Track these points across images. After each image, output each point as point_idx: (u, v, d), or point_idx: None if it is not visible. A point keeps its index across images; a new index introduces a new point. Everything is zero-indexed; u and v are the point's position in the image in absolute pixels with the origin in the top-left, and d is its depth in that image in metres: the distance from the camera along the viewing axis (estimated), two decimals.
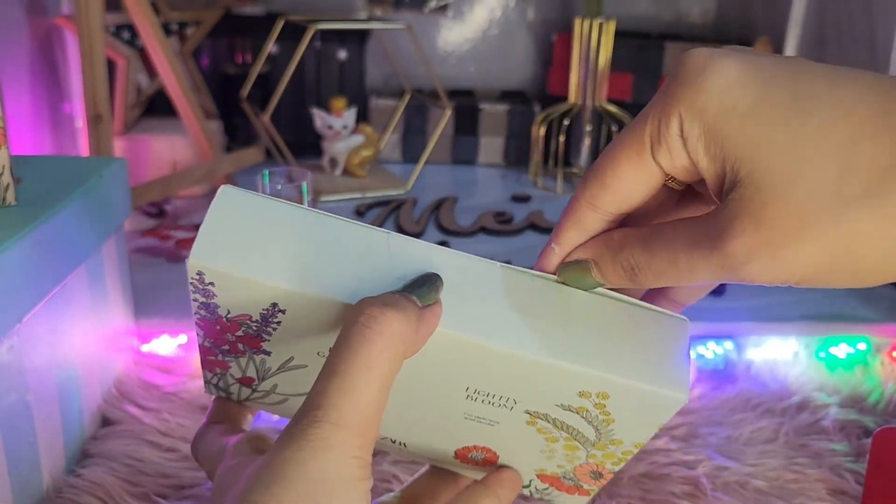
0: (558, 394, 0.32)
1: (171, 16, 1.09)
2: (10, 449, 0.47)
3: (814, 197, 0.24)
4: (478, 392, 0.33)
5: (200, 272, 0.30)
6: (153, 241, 0.86)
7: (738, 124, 0.25)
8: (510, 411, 0.34)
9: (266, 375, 0.35)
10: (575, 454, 0.36)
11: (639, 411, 0.32)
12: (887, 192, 0.23)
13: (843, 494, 0.54)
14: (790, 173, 0.24)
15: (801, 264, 0.25)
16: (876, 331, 0.73)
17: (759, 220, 0.24)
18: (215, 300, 0.31)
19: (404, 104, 1.21)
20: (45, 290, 0.50)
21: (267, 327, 0.32)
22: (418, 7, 1.31)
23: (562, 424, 0.34)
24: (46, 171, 0.59)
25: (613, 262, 0.29)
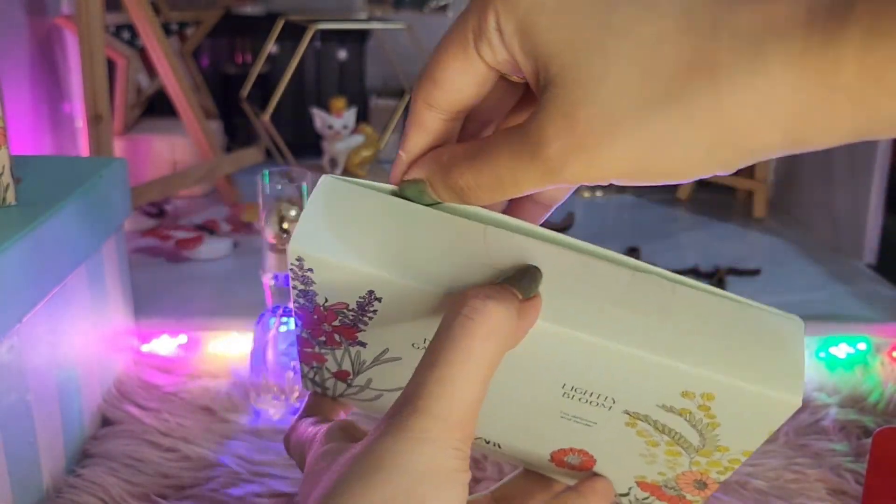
0: (660, 393, 0.31)
1: (171, 16, 1.09)
2: (10, 449, 0.47)
3: (620, 99, 0.24)
4: (575, 389, 0.32)
5: (300, 258, 0.31)
6: (153, 241, 0.86)
7: (548, 20, 0.25)
8: (608, 411, 0.32)
9: (361, 369, 0.36)
10: (677, 460, 0.34)
11: (746, 415, 0.30)
12: (685, 95, 0.23)
13: (843, 494, 0.54)
14: (598, 72, 0.24)
15: (614, 166, 0.25)
16: (876, 331, 0.73)
17: (572, 122, 0.25)
18: (313, 287, 0.32)
19: (404, 104, 1.21)
20: (45, 290, 0.50)
21: (363, 316, 0.32)
22: (418, 7, 1.31)
23: (663, 427, 0.33)
24: (46, 171, 0.59)
25: (444, 183, 0.29)
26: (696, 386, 0.30)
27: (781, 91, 0.23)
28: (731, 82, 0.23)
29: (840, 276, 0.85)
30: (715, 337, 0.29)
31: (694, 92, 0.23)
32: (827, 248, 0.94)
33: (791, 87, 0.23)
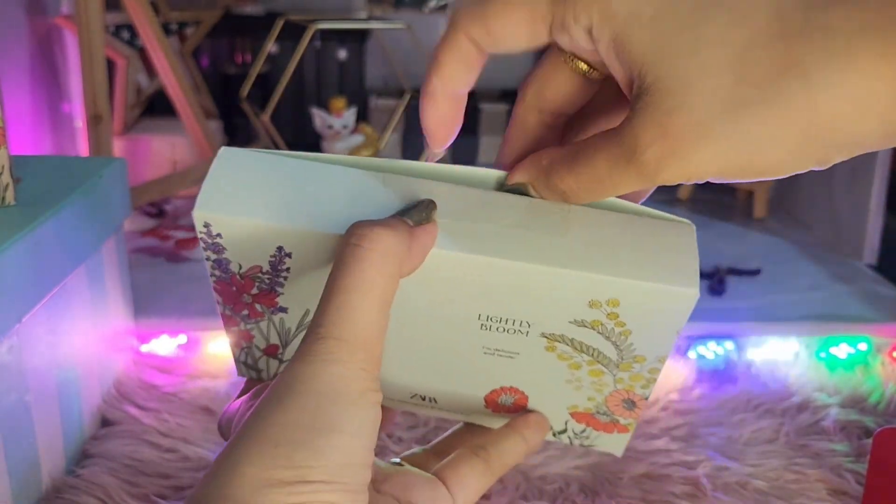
0: (569, 309, 0.32)
1: (170, 16, 1.09)
2: (9, 449, 0.47)
3: (712, 105, 0.25)
4: (490, 319, 0.33)
5: (207, 223, 0.31)
6: (153, 241, 0.86)
7: (644, 31, 0.26)
8: (526, 337, 0.33)
9: (289, 338, 0.36)
10: (601, 380, 0.35)
11: (652, 316, 0.32)
12: (779, 96, 0.24)
13: (844, 495, 0.54)
14: (690, 80, 0.25)
15: (709, 168, 0.26)
16: (876, 331, 0.73)
17: (665, 129, 0.25)
18: (226, 255, 0.32)
19: (404, 104, 1.21)
20: (44, 290, 0.50)
21: (278, 277, 0.33)
22: (418, 7, 1.31)
23: (580, 345, 0.34)
24: (46, 170, 0.59)
25: (547, 187, 0.30)
26: (600, 293, 0.31)
27: (873, 82, 0.23)
28: (825, 79, 0.23)
29: (841, 276, 0.85)
30: (611, 245, 0.31)
31: (787, 92, 0.24)
32: (827, 249, 0.94)
33: (883, 76, 0.23)
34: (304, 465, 0.25)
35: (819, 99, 0.24)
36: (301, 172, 0.32)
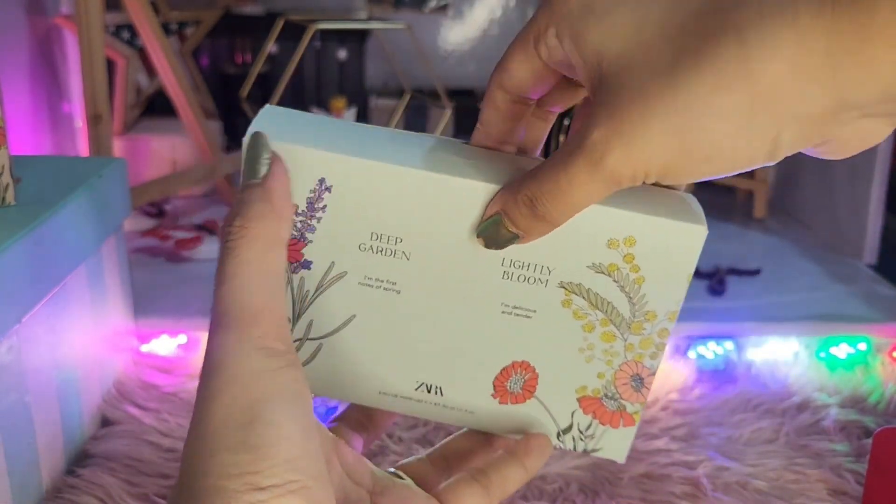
0: (588, 249, 0.33)
1: (170, 15, 1.09)
2: (9, 449, 0.47)
3: (652, 78, 0.25)
4: (513, 264, 0.34)
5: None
6: (153, 241, 0.86)
7: (597, 22, 0.27)
8: (545, 288, 0.34)
9: (304, 307, 0.36)
10: (613, 348, 0.36)
11: (666, 257, 0.33)
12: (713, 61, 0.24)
13: (844, 495, 0.54)
14: (634, 60, 0.25)
15: (654, 150, 0.25)
16: (876, 331, 0.73)
17: (611, 109, 0.25)
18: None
19: (404, 104, 1.21)
20: (44, 291, 0.50)
21: (311, 218, 0.33)
22: (418, 7, 1.31)
23: (595, 298, 0.34)
24: (46, 170, 0.59)
25: (516, 203, 0.30)
26: (619, 230, 0.32)
27: (812, 40, 0.22)
28: (759, 39, 0.23)
29: (840, 276, 0.85)
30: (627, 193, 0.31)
31: (723, 55, 0.23)
32: (827, 249, 0.94)
33: (823, 35, 0.22)
34: (250, 470, 0.24)
35: (753, 61, 0.23)
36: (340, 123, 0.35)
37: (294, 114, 0.34)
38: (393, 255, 0.34)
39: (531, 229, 0.31)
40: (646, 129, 0.25)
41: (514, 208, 0.31)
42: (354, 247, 0.34)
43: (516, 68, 0.31)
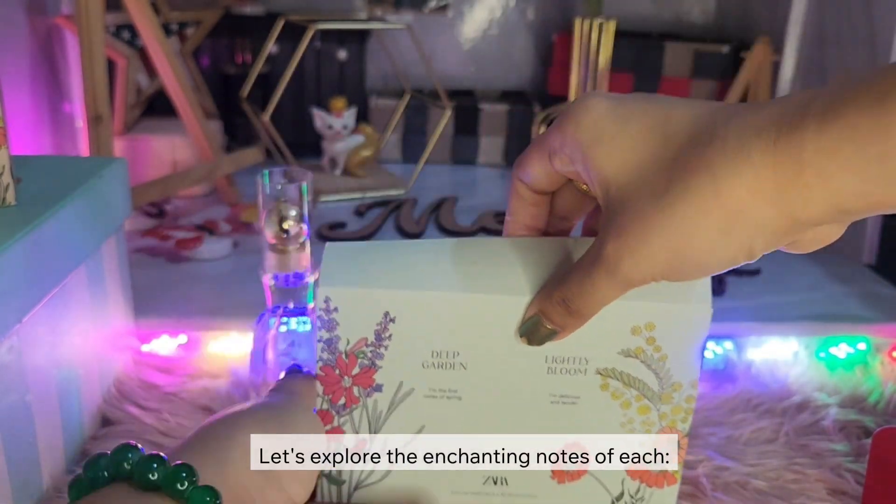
0: (616, 337, 0.39)
1: (171, 16, 1.09)
2: (9, 449, 0.47)
3: (649, 203, 0.31)
4: (555, 360, 0.39)
5: (328, 298, 0.38)
6: (153, 242, 0.86)
7: (604, 152, 0.33)
8: (585, 376, 0.40)
9: (378, 426, 0.41)
10: (649, 418, 0.41)
11: (681, 335, 0.39)
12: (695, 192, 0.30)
13: (844, 494, 0.54)
14: (635, 188, 0.32)
15: (655, 261, 0.32)
16: (876, 331, 0.73)
17: (619, 228, 0.32)
18: (337, 331, 0.39)
19: (404, 104, 1.21)
20: (44, 290, 0.50)
21: (380, 347, 0.39)
22: (418, 7, 1.31)
23: (628, 378, 0.40)
24: (46, 171, 0.59)
25: (551, 303, 0.37)
26: (639, 319, 0.38)
27: (763, 172, 0.29)
28: (725, 173, 0.30)
29: (840, 276, 0.85)
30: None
31: (700, 185, 0.30)
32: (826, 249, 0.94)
33: (770, 168, 0.29)
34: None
35: (723, 189, 0.30)
36: (393, 250, 0.40)
37: (352, 249, 0.40)
38: (452, 368, 0.40)
39: (567, 325, 0.37)
40: (648, 245, 0.31)
41: (550, 308, 0.37)
42: (418, 365, 0.39)
43: (534, 170, 0.38)
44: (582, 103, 0.35)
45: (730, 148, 0.30)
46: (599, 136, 0.33)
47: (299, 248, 0.55)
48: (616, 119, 0.33)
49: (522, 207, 0.40)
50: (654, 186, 0.31)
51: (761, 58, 1.03)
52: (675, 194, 0.31)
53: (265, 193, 0.54)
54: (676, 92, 1.17)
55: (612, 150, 0.33)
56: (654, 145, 0.32)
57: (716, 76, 1.14)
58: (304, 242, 0.55)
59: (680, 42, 1.16)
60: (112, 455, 0.32)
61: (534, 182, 0.38)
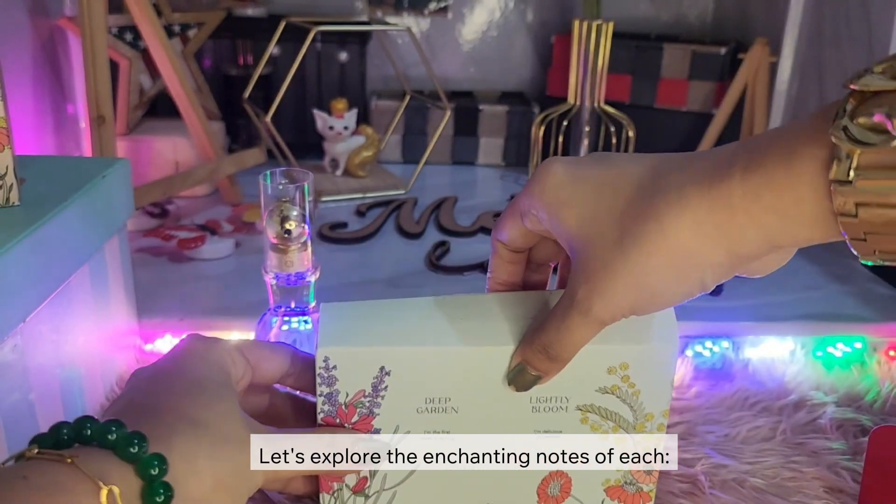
0: (593, 376, 0.43)
1: (173, 17, 1.09)
2: (12, 448, 0.47)
3: (609, 251, 0.36)
4: (539, 400, 0.43)
5: (326, 357, 0.41)
6: (156, 241, 0.87)
7: (566, 210, 0.38)
8: (566, 412, 0.44)
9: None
10: (625, 444, 0.45)
11: (652, 372, 0.43)
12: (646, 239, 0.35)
13: (840, 492, 0.54)
14: (595, 239, 0.37)
15: (622, 300, 0.36)
16: (872, 330, 0.73)
17: (587, 274, 0.37)
18: (336, 386, 0.42)
19: (404, 105, 1.22)
20: (48, 290, 0.51)
21: (377, 397, 0.42)
22: (418, 9, 1.32)
23: (606, 413, 0.44)
24: (50, 171, 0.59)
25: (532, 351, 0.40)
26: (614, 360, 0.43)
27: (702, 216, 0.33)
28: (669, 219, 0.34)
29: (837, 275, 0.86)
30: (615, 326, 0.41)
31: (649, 233, 0.35)
32: (824, 248, 0.94)
33: (707, 212, 0.33)
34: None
35: (669, 234, 0.34)
36: (385, 308, 0.44)
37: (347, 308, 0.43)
38: (444, 412, 0.43)
39: (549, 370, 0.41)
40: (613, 286, 0.36)
41: (532, 356, 0.41)
42: (413, 410, 0.43)
43: (510, 231, 0.42)
44: (544, 169, 0.39)
45: (671, 197, 0.34)
46: (560, 196, 0.38)
47: (301, 248, 0.55)
48: (573, 180, 0.38)
49: (501, 265, 0.44)
50: (611, 235, 0.36)
51: (759, 59, 1.04)
52: (630, 241, 0.35)
53: (267, 194, 0.54)
54: (675, 93, 1.17)
55: (572, 208, 0.38)
56: (608, 199, 0.37)
57: (714, 77, 1.15)
58: (305, 242, 0.55)
59: (678, 43, 1.17)
60: (73, 423, 0.34)
61: (511, 242, 0.43)
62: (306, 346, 0.59)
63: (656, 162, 0.37)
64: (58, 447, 0.33)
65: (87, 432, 0.34)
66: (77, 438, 0.34)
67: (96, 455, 0.33)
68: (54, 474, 0.31)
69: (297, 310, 0.58)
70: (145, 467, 0.33)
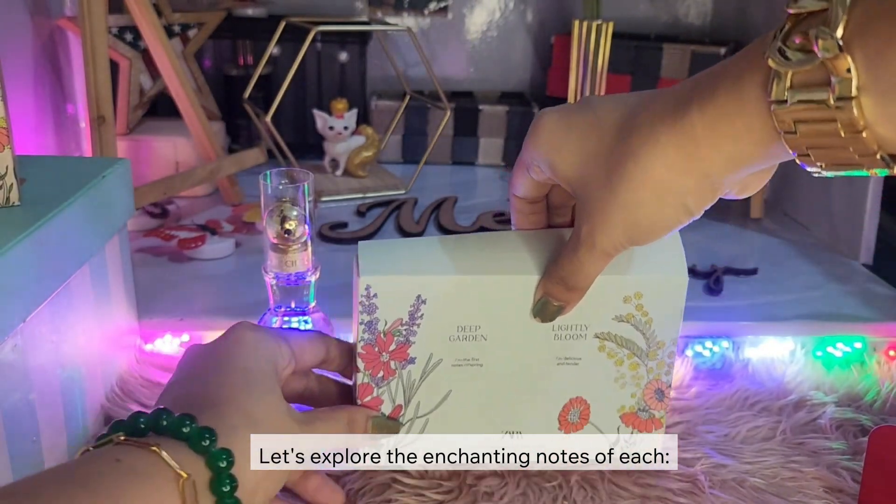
0: (611, 306, 0.47)
1: (173, 17, 1.09)
2: (13, 447, 0.47)
3: (601, 190, 0.39)
4: (560, 328, 0.47)
5: (368, 286, 0.44)
6: (156, 241, 0.87)
7: (560, 156, 0.41)
8: (585, 340, 0.48)
9: (412, 393, 0.47)
10: (638, 373, 0.49)
11: (663, 301, 0.47)
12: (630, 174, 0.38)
13: (840, 492, 0.55)
14: (589, 181, 0.40)
15: (619, 233, 0.40)
16: (872, 330, 0.73)
17: (587, 213, 0.41)
18: (376, 314, 0.45)
19: (404, 105, 1.22)
20: (48, 290, 0.51)
21: (413, 325, 0.45)
22: (418, 9, 1.32)
23: (621, 340, 0.48)
24: (50, 171, 0.59)
25: (552, 284, 0.45)
26: (629, 290, 0.47)
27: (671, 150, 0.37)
28: (645, 156, 0.38)
29: (837, 275, 0.86)
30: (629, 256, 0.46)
31: (629, 168, 0.38)
32: (823, 248, 0.95)
33: (674, 147, 0.37)
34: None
35: (647, 168, 0.37)
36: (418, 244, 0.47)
37: (383, 244, 0.46)
38: (475, 340, 0.47)
39: (569, 299, 0.45)
40: (609, 221, 0.40)
41: (552, 289, 0.45)
42: (445, 339, 0.46)
43: (520, 184, 0.46)
44: (536, 122, 0.43)
45: (643, 135, 0.38)
46: (553, 144, 0.42)
47: (301, 248, 0.55)
48: (563, 128, 0.41)
49: (522, 218, 0.48)
50: (600, 176, 0.40)
51: None
52: (616, 180, 0.39)
53: (267, 194, 0.54)
54: None
55: (564, 155, 0.41)
56: (594, 143, 0.40)
57: None
58: (305, 242, 0.56)
59: (677, 44, 1.17)
60: (151, 414, 0.37)
61: (525, 194, 0.46)
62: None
63: (630, 101, 0.40)
64: (134, 435, 0.36)
65: (163, 422, 0.36)
66: (153, 428, 0.37)
67: (172, 445, 0.36)
68: (141, 460, 0.34)
69: (297, 310, 0.58)
70: (215, 460, 0.36)
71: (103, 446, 0.36)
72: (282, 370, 0.45)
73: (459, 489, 0.52)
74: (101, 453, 0.35)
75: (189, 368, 0.44)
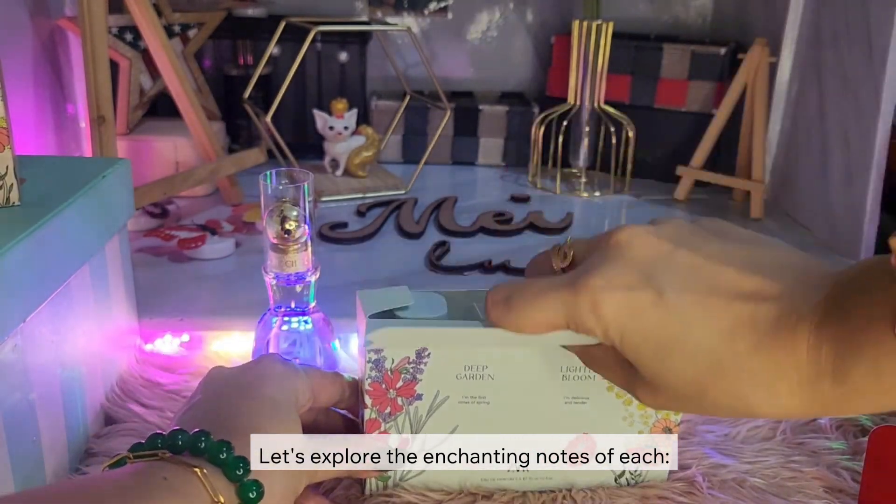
0: None
1: (173, 17, 1.09)
2: (13, 447, 0.47)
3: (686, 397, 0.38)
4: (568, 369, 0.47)
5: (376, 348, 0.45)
6: (156, 241, 0.87)
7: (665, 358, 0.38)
8: (594, 381, 0.47)
9: (419, 427, 0.48)
10: (646, 412, 0.49)
11: None
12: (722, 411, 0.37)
13: (840, 492, 0.55)
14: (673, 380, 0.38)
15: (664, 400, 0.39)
16: None
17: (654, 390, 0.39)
18: (384, 353, 0.45)
19: (404, 105, 1.22)
20: (48, 290, 0.51)
21: (420, 364, 0.46)
22: (418, 9, 1.32)
23: None
24: (50, 171, 0.59)
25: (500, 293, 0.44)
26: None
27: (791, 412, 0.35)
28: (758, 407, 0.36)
29: None
30: None
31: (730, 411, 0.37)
32: (823, 248, 0.95)
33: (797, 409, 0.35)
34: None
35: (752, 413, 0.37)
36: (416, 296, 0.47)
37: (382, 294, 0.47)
38: (482, 378, 0.47)
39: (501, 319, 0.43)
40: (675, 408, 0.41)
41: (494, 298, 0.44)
42: (452, 377, 0.47)
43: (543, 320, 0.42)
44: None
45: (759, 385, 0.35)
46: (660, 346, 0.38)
47: (301, 249, 0.55)
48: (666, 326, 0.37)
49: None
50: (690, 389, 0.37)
51: (758, 59, 1.04)
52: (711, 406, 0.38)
53: (267, 194, 0.54)
54: (675, 93, 1.17)
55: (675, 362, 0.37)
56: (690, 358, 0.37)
57: (713, 77, 1.15)
58: (305, 242, 0.56)
59: (678, 44, 1.17)
60: (167, 435, 0.38)
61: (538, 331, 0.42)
62: (306, 346, 0.59)
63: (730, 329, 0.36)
64: (174, 452, 0.38)
65: (201, 444, 0.38)
66: (190, 448, 0.38)
67: (208, 469, 0.37)
68: (182, 479, 0.36)
69: (297, 310, 0.58)
70: (246, 490, 0.38)
71: (145, 458, 0.38)
72: (300, 406, 0.46)
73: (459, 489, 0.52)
74: (150, 469, 0.36)
75: (216, 390, 0.45)
